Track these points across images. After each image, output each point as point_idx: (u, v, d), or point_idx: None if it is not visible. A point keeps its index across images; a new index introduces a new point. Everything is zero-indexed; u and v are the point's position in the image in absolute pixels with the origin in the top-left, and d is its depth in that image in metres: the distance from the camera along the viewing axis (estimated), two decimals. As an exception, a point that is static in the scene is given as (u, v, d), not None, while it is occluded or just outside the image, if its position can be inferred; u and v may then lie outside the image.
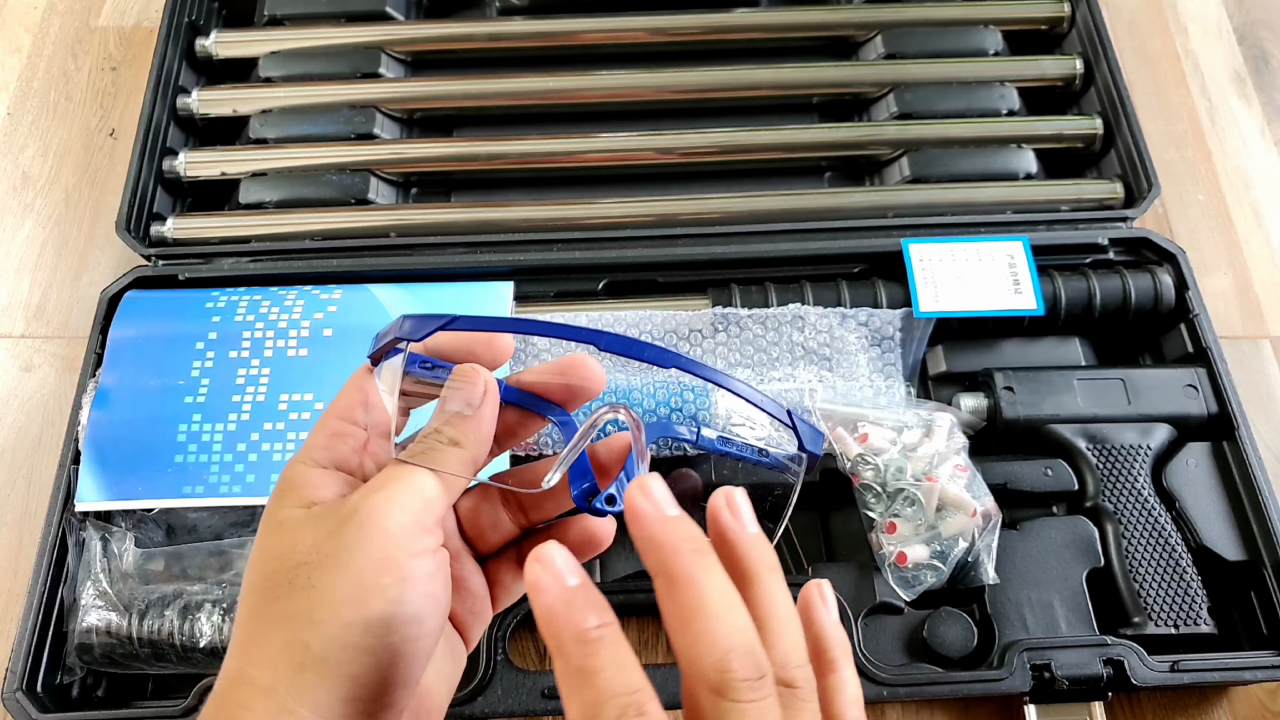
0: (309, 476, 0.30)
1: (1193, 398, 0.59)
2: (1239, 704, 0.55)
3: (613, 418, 0.33)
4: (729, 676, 0.24)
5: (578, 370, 0.33)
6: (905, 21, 0.75)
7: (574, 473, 0.32)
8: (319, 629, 0.27)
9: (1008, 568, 0.54)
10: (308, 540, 0.28)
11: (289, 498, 0.29)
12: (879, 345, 0.61)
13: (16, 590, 0.58)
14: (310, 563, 0.27)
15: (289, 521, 0.29)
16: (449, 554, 0.30)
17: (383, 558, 0.27)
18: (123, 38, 0.80)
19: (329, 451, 0.30)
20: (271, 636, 0.27)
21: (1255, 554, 0.55)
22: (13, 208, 0.72)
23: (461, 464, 0.30)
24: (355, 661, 0.27)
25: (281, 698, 0.26)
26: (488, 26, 0.75)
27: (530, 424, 0.34)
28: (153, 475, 0.55)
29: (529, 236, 0.65)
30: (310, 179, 0.68)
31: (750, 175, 0.72)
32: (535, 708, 0.50)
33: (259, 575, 0.28)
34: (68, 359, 0.66)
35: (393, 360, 0.31)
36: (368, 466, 0.31)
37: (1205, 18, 0.82)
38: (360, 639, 0.27)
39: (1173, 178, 0.74)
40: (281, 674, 0.27)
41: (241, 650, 0.28)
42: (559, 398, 0.33)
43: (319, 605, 0.27)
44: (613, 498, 0.32)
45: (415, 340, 0.30)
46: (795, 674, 0.25)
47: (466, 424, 0.30)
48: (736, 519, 0.27)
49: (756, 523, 0.27)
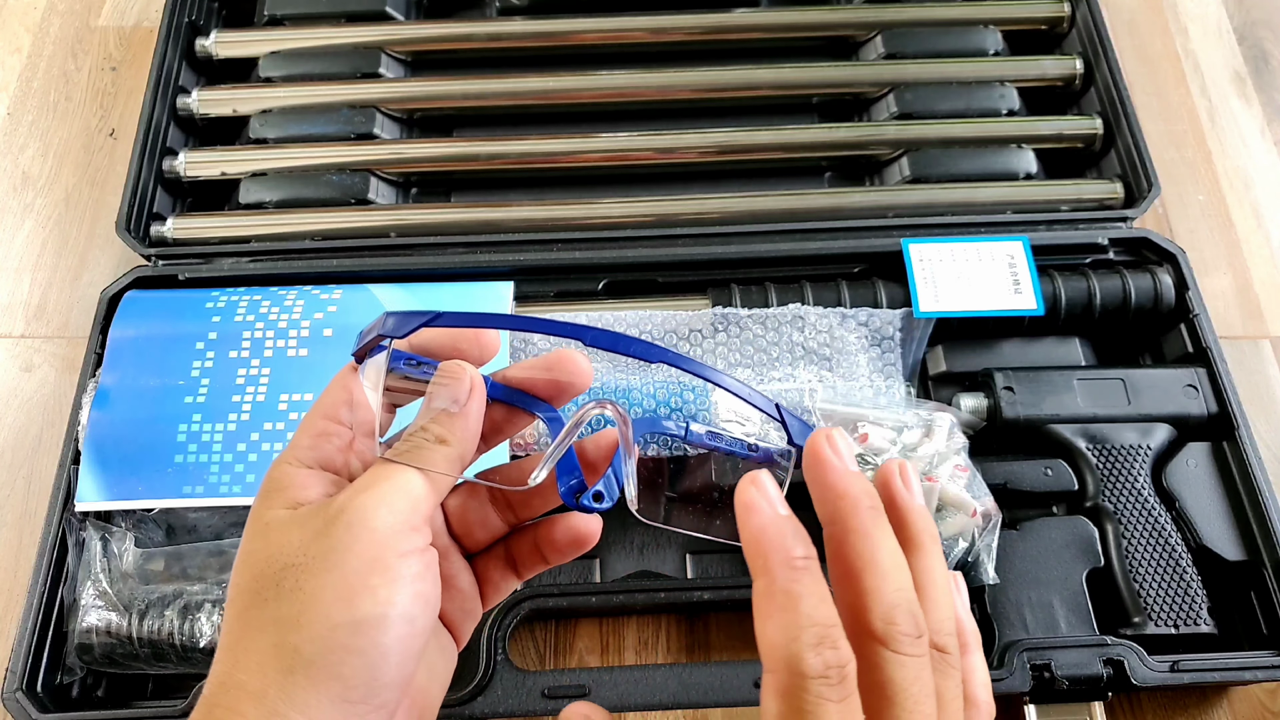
0: (294, 477, 0.30)
1: (1193, 398, 0.59)
2: (1239, 704, 0.55)
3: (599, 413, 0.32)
4: (895, 629, 0.25)
5: (564, 365, 0.32)
6: (905, 21, 0.75)
7: (561, 469, 0.32)
8: (307, 632, 0.27)
9: (1008, 568, 0.54)
10: (294, 542, 0.28)
11: (275, 499, 0.29)
12: (879, 345, 0.61)
13: (16, 590, 0.58)
14: (297, 565, 0.27)
15: (275, 523, 0.29)
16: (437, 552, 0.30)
17: (371, 558, 0.27)
18: (123, 38, 0.80)
19: (314, 451, 0.30)
20: (260, 640, 0.27)
21: (1255, 554, 0.55)
22: (13, 208, 0.72)
23: (448, 462, 0.30)
24: (345, 663, 0.27)
25: (272, 702, 0.26)
26: (488, 26, 0.75)
27: (518, 420, 0.33)
28: (153, 475, 0.55)
29: (529, 236, 0.65)
30: (310, 179, 0.68)
31: (750, 175, 0.72)
32: (535, 708, 0.50)
33: (246, 578, 0.28)
34: (68, 359, 0.66)
35: (377, 357, 0.31)
36: (354, 465, 0.31)
37: (1205, 18, 0.82)
38: (349, 641, 0.27)
39: (1173, 178, 0.74)
40: (271, 678, 0.27)
41: (230, 654, 0.28)
42: (546, 393, 0.33)
43: (307, 608, 0.27)
44: (600, 494, 0.32)
45: (398, 337, 0.30)
46: (947, 640, 0.27)
47: (453, 421, 0.30)
48: (908, 488, 0.29)
49: (923, 495, 0.29)
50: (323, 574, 0.27)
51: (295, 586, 0.27)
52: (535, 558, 0.35)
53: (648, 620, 0.57)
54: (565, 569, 0.57)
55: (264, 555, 0.28)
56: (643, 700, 0.50)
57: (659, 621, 0.57)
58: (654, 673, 0.51)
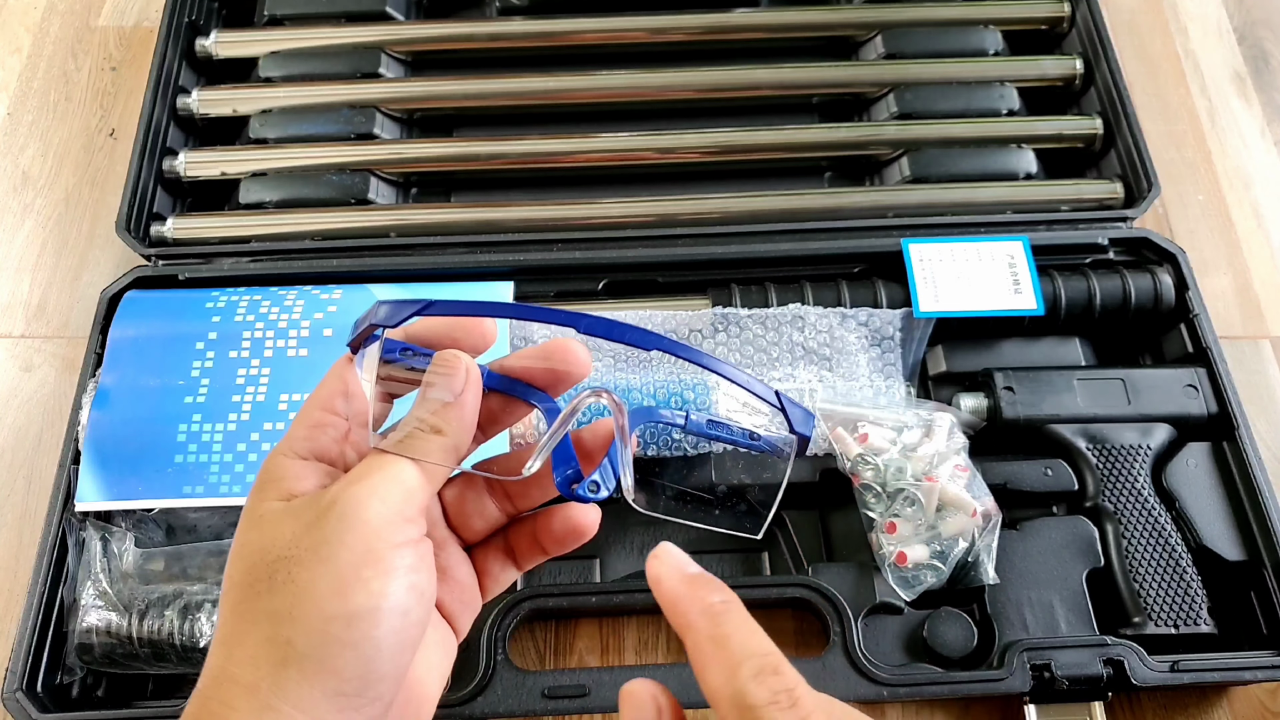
0: (289, 468, 0.29)
1: (1193, 398, 0.59)
2: (1239, 704, 0.55)
3: (594, 402, 0.32)
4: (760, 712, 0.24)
5: (562, 354, 0.32)
6: (905, 21, 0.75)
7: (557, 459, 0.32)
8: (300, 625, 0.26)
9: (1008, 568, 0.54)
10: (287, 534, 0.28)
11: (269, 490, 0.29)
12: (879, 345, 0.61)
13: (16, 590, 0.58)
14: (290, 557, 0.27)
15: (269, 515, 0.28)
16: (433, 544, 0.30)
17: (364, 550, 0.27)
18: (123, 38, 0.80)
19: (310, 442, 0.30)
20: (253, 633, 0.27)
21: (1255, 554, 0.55)
22: (13, 208, 0.72)
23: (443, 452, 0.29)
24: (339, 656, 0.27)
25: (265, 695, 0.26)
26: (488, 26, 0.75)
27: (515, 410, 0.33)
28: (153, 475, 0.55)
29: (529, 236, 0.65)
30: (310, 179, 0.68)
31: (750, 175, 0.72)
32: (535, 708, 0.50)
33: (239, 571, 0.28)
34: (68, 359, 0.66)
35: (371, 347, 0.30)
36: (349, 457, 0.31)
37: (1205, 18, 0.82)
38: (343, 633, 0.27)
39: (1173, 178, 0.74)
40: (264, 671, 0.26)
41: (224, 647, 0.28)
42: (543, 383, 0.33)
43: (300, 601, 0.27)
44: (596, 484, 0.31)
45: (391, 326, 0.30)
46: None
47: (448, 411, 0.30)
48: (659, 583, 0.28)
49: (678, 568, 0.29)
50: (315, 566, 0.27)
51: (288, 579, 0.27)
52: (534, 549, 0.34)
53: (648, 620, 0.57)
54: (565, 569, 0.57)
55: (257, 547, 0.28)
56: (643, 700, 0.50)
57: (659, 621, 0.57)
58: (654, 673, 0.51)
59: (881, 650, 0.53)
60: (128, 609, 0.52)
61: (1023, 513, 0.57)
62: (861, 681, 0.50)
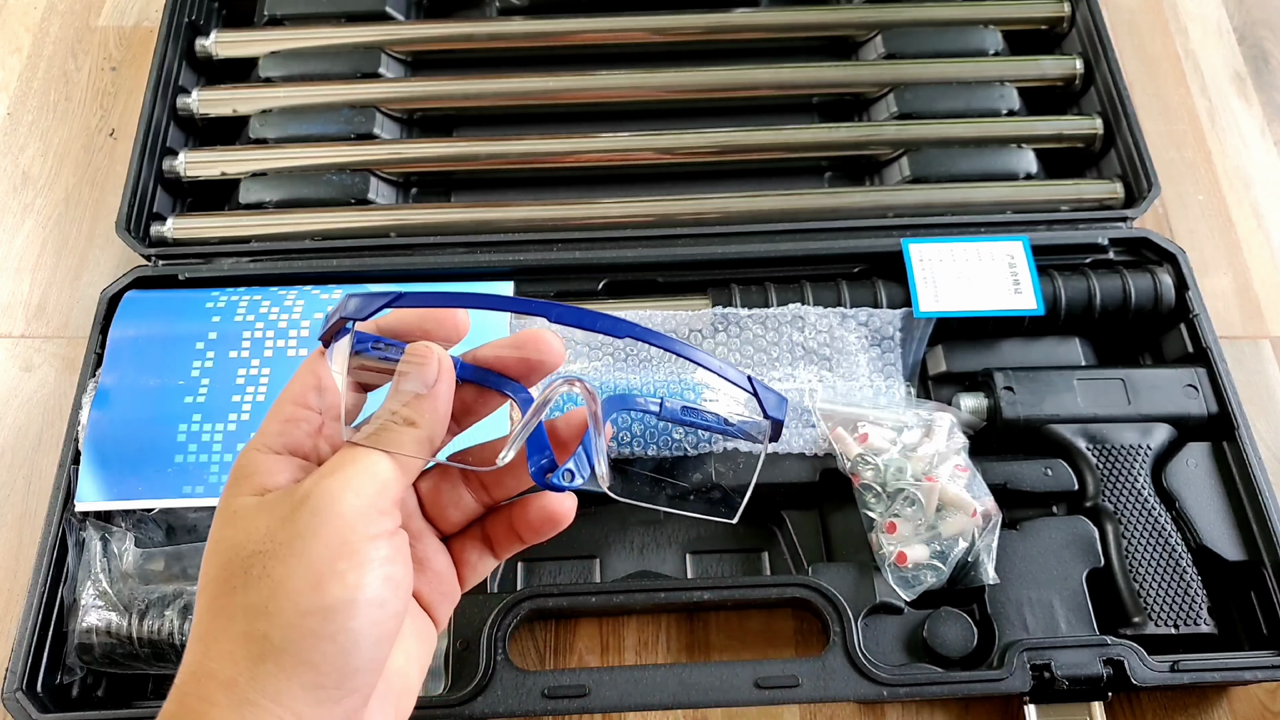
0: (262, 463, 0.30)
1: (1193, 398, 0.59)
2: (1239, 704, 0.55)
3: (567, 390, 0.32)
4: None
5: (534, 344, 0.32)
6: (905, 21, 0.75)
7: (531, 448, 0.32)
8: (276, 619, 0.27)
9: (1008, 568, 0.54)
10: (261, 529, 0.28)
11: (242, 485, 0.29)
12: (879, 345, 0.61)
13: (16, 590, 0.58)
14: (265, 552, 0.27)
15: (243, 510, 0.29)
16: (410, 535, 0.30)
17: (338, 543, 0.27)
18: (123, 38, 0.80)
19: (283, 437, 0.30)
20: (230, 629, 0.27)
21: (1255, 554, 0.55)
22: (13, 208, 0.72)
23: (417, 444, 0.29)
24: (315, 649, 0.27)
25: (243, 690, 0.26)
26: (488, 26, 0.75)
27: (489, 401, 0.33)
28: (153, 475, 0.55)
29: (529, 236, 0.65)
30: (310, 179, 0.68)
31: (750, 175, 0.72)
32: (535, 708, 0.50)
33: (215, 567, 0.28)
34: (68, 359, 0.66)
35: (341, 341, 0.30)
36: (323, 450, 0.31)
37: (1205, 18, 0.82)
38: (319, 626, 0.27)
39: (1173, 178, 0.74)
40: (241, 666, 0.26)
41: (201, 643, 0.28)
42: (517, 372, 0.33)
43: (275, 595, 0.27)
44: (570, 472, 0.31)
45: (360, 319, 0.30)
46: None
47: (421, 403, 0.30)
48: None
49: None
50: (290, 560, 0.27)
51: (263, 573, 0.27)
52: (511, 537, 0.34)
53: (648, 620, 0.57)
54: (565, 569, 0.57)
55: (232, 543, 0.28)
56: (642, 700, 0.50)
57: (659, 621, 0.57)
58: (654, 673, 0.51)
59: (881, 650, 0.53)
60: (128, 609, 0.52)
61: (1023, 513, 0.57)
62: (861, 681, 0.50)
